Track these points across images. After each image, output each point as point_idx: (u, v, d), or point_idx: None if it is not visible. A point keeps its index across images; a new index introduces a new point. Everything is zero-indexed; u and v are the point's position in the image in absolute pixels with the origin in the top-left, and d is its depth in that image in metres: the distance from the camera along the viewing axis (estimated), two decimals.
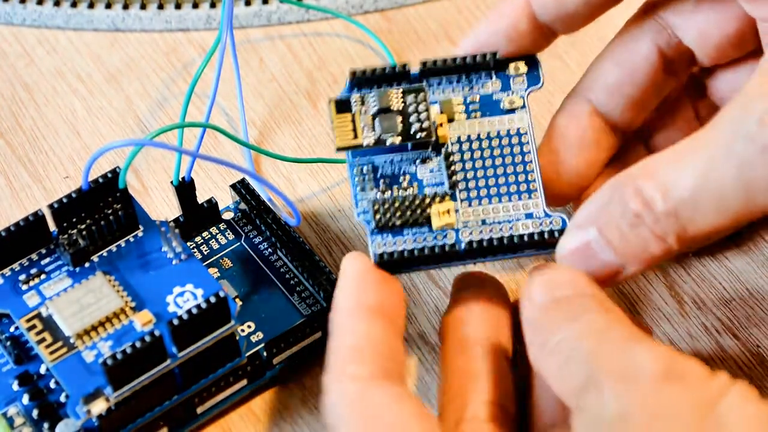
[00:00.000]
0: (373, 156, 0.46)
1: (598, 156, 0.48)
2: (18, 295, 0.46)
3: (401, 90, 0.46)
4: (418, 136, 0.45)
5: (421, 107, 0.45)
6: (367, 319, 0.42)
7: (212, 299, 0.43)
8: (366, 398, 0.40)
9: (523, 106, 0.47)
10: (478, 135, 0.46)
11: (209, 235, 0.51)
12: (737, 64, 0.48)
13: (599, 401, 0.38)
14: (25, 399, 0.46)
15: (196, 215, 0.50)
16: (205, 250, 0.50)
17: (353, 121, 0.46)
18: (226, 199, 0.52)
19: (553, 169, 0.47)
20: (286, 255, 0.49)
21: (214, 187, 0.54)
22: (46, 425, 0.45)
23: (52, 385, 0.46)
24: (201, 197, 0.51)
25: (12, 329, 0.47)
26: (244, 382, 0.47)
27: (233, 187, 0.51)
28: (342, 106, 0.46)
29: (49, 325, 0.45)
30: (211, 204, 0.50)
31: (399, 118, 0.45)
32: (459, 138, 0.46)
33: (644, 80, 0.47)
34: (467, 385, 0.43)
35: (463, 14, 0.59)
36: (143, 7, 0.59)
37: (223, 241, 0.50)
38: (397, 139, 0.45)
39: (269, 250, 0.50)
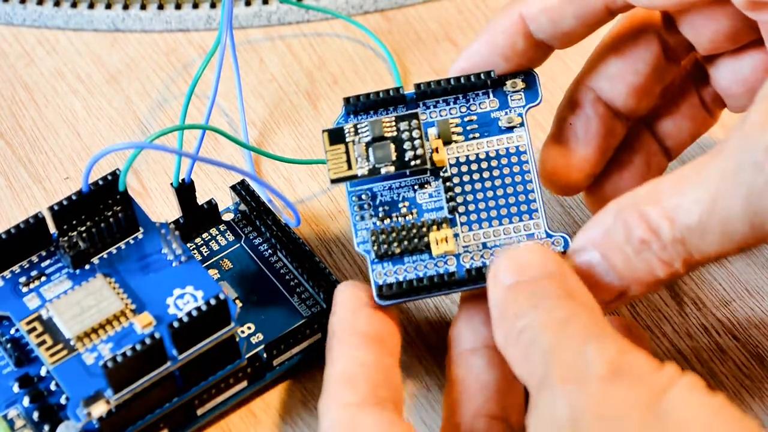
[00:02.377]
0: (372, 183, 0.46)
1: (606, 143, 0.48)
2: (18, 297, 0.46)
3: (394, 117, 0.45)
4: (412, 164, 0.45)
5: (415, 134, 0.45)
6: (359, 345, 0.43)
7: (212, 301, 0.44)
8: (356, 425, 0.41)
9: (522, 124, 0.46)
10: (477, 156, 0.46)
11: (209, 237, 0.51)
12: (738, 53, 0.47)
13: (552, 402, 0.38)
14: (26, 401, 0.46)
15: (196, 217, 0.50)
16: (205, 252, 0.50)
17: (347, 151, 0.45)
18: (226, 201, 0.52)
19: (562, 159, 0.47)
20: (286, 256, 0.49)
21: (214, 189, 0.54)
22: (46, 427, 0.45)
23: (53, 387, 0.46)
24: (201, 198, 0.51)
25: (12, 331, 0.47)
26: (245, 383, 0.47)
27: (233, 188, 0.51)
28: (335, 136, 0.45)
29: (49, 327, 0.45)
30: (211, 205, 0.50)
31: (392, 147, 0.45)
32: (458, 160, 0.46)
33: (646, 67, 0.47)
34: (465, 398, 0.43)
35: (463, 14, 0.59)
36: (143, 7, 0.59)
37: (223, 243, 0.50)
38: (391, 168, 0.45)
39: (269, 251, 0.50)
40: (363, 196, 0.46)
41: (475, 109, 0.47)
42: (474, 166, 0.46)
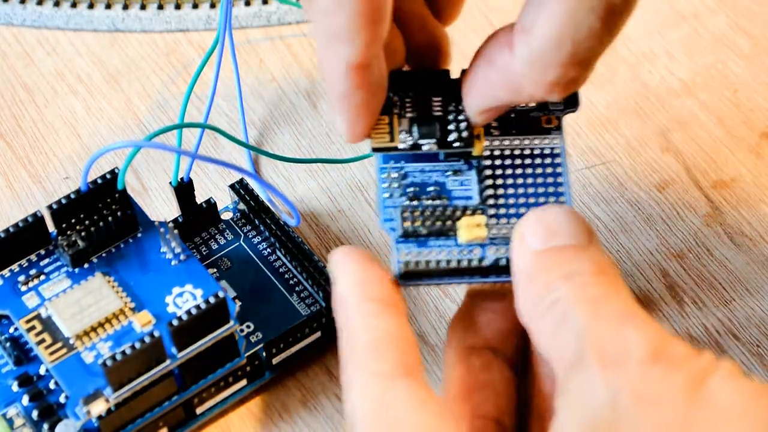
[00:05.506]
0: (405, 163, 0.46)
1: None
2: (17, 296, 0.46)
3: (442, 96, 0.45)
4: (455, 145, 0.45)
5: (461, 116, 0.45)
6: (379, 312, 0.41)
7: (212, 300, 0.44)
8: (389, 398, 0.39)
9: (558, 128, 0.46)
10: (512, 152, 0.46)
11: (208, 236, 0.51)
12: None
13: (588, 386, 0.38)
14: (25, 400, 0.46)
15: (196, 216, 0.50)
16: (204, 251, 0.50)
17: (390, 123, 0.45)
18: (225, 200, 0.52)
19: None
20: (285, 255, 0.49)
21: (214, 188, 0.54)
22: (45, 426, 0.45)
23: (52, 385, 0.46)
24: (200, 197, 0.51)
25: (11, 330, 0.47)
26: (244, 382, 0.47)
27: (232, 187, 0.51)
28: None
29: (48, 326, 0.45)
30: (210, 204, 0.50)
31: (437, 125, 0.45)
32: (492, 152, 0.46)
33: None
34: (462, 398, 0.43)
35: (463, 15, 0.58)
36: (143, 7, 0.59)
37: (222, 242, 0.50)
38: (434, 146, 0.45)
39: (268, 250, 0.50)
40: (394, 174, 0.46)
41: (516, 105, 0.46)
42: (508, 161, 0.46)
